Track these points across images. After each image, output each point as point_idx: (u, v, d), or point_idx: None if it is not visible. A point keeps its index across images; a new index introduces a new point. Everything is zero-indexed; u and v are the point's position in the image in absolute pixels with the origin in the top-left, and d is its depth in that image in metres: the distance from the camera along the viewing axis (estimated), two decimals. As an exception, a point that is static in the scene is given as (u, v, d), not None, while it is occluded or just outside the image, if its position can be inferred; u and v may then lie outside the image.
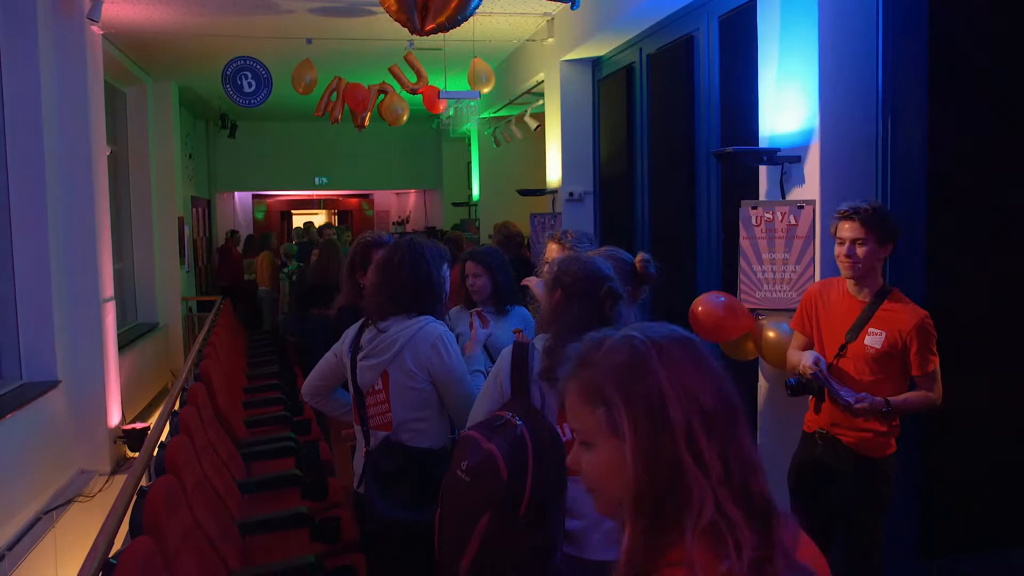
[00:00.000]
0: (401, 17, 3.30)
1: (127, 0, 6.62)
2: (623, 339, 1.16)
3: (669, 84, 5.98)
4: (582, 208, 7.49)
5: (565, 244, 3.64)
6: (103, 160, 6.66)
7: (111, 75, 8.16)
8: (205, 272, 13.40)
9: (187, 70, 9.89)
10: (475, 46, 7.21)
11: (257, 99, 7.44)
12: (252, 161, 14.63)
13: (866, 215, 3.08)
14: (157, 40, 8.00)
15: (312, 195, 18.62)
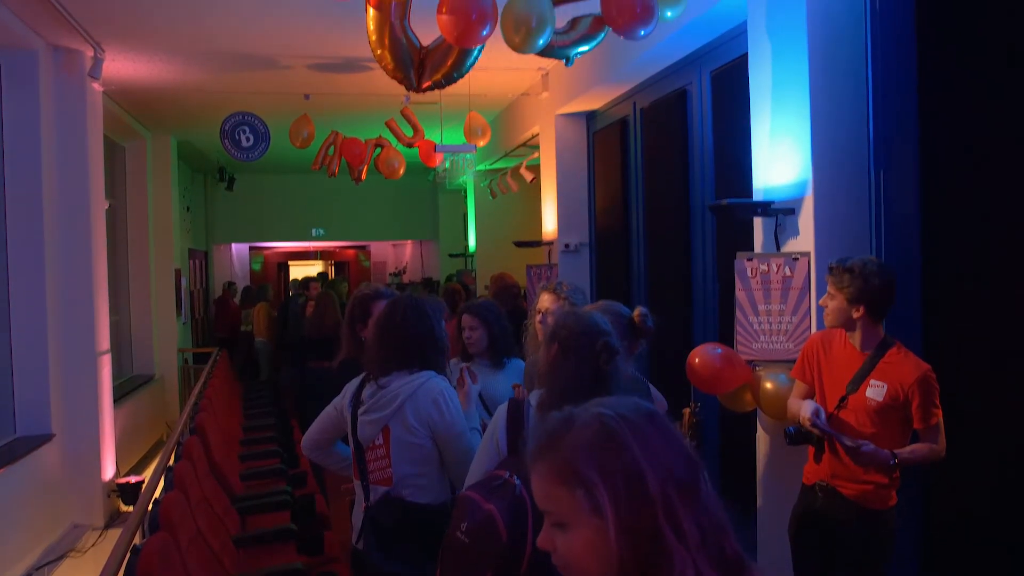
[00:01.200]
0: (398, 75, 3.35)
1: (127, 57, 6.72)
2: (593, 416, 1.16)
3: (663, 137, 6.06)
4: (578, 259, 7.53)
5: (560, 295, 3.65)
6: (101, 215, 6.70)
7: (110, 130, 8.25)
8: (202, 324, 13.39)
9: (186, 124, 9.99)
10: (471, 100, 7.31)
11: (255, 154, 7.52)
12: (249, 213, 14.71)
13: (837, 274, 3.16)
14: (156, 96, 8.10)
15: (309, 246, 18.69)
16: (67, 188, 6.20)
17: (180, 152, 11.09)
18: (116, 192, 9.29)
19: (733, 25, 4.84)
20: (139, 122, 9.39)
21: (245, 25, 6.06)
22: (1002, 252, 3.91)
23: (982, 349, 3.88)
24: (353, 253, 19.76)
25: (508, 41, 3.18)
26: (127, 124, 8.91)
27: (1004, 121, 3.84)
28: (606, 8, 3.41)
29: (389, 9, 3.25)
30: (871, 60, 3.73)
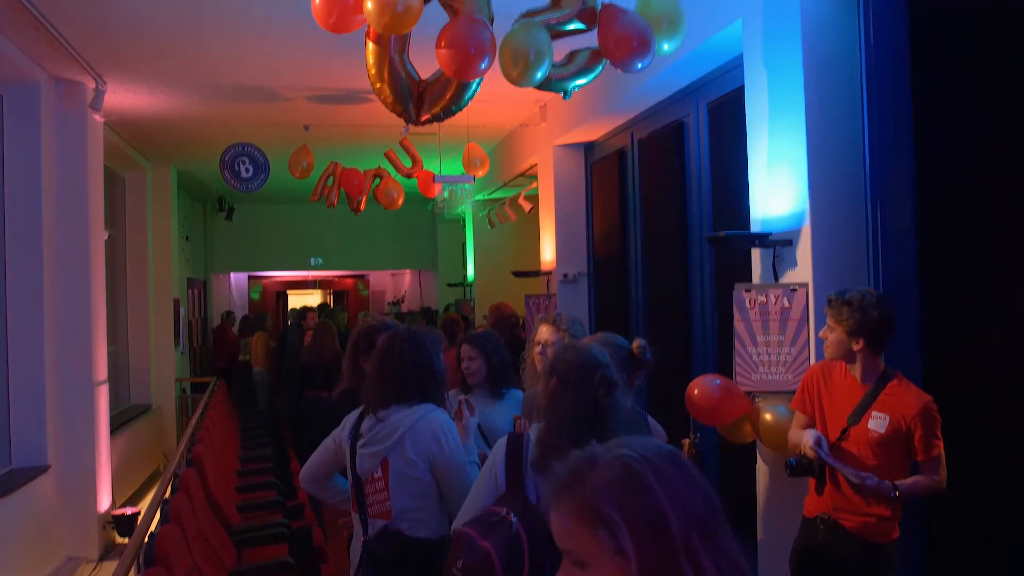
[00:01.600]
0: (397, 108, 3.37)
1: (129, 89, 6.76)
2: (616, 458, 1.18)
3: (661, 168, 6.09)
4: (576, 289, 7.54)
5: (560, 327, 3.65)
6: (100, 245, 6.72)
7: (111, 160, 8.28)
8: (200, 353, 13.37)
9: (186, 155, 10.04)
10: (469, 131, 7.36)
11: (254, 184, 7.55)
12: (248, 242, 14.74)
13: (836, 307, 3.16)
14: (157, 127, 8.15)
15: (308, 276, 18.70)
16: (67, 219, 6.22)
17: (180, 182, 11.13)
18: (115, 222, 9.31)
19: (730, 58, 4.88)
20: (139, 152, 9.44)
21: (245, 57, 6.11)
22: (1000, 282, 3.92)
23: (981, 380, 3.88)
24: (352, 282, 19.76)
25: (506, 74, 3.20)
26: (127, 154, 8.95)
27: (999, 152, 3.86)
28: (603, 42, 3.44)
29: (389, 44, 3.28)
30: (866, 92, 3.76)
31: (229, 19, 5.30)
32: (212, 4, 5.03)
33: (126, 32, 5.47)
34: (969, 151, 3.88)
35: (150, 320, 9.76)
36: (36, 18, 4.98)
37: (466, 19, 3.10)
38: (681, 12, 3.71)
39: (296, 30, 5.37)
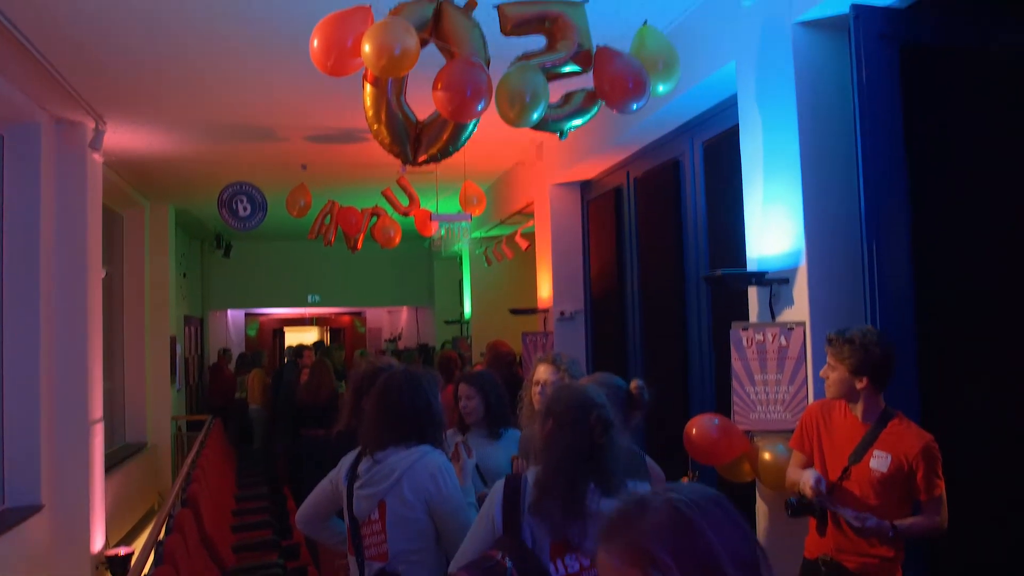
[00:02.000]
0: (394, 149, 3.40)
1: (128, 129, 6.81)
2: (665, 502, 1.21)
3: (657, 206, 6.12)
4: (573, 327, 7.53)
5: (560, 366, 3.65)
6: (98, 284, 6.72)
7: (109, 199, 8.31)
8: (196, 391, 13.32)
9: (184, 193, 10.08)
10: (466, 170, 7.40)
11: (252, 223, 7.57)
12: (245, 279, 14.75)
13: (837, 345, 3.15)
14: (156, 166, 8.19)
15: (305, 312, 18.69)
16: (64, 258, 6.23)
17: (178, 220, 11.17)
18: (113, 259, 9.32)
19: (724, 97, 4.93)
20: (138, 191, 9.48)
21: (244, 98, 6.16)
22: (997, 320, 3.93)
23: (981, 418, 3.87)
24: (349, 319, 19.75)
25: (503, 116, 3.23)
26: (126, 193, 8.98)
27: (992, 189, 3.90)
28: (599, 83, 3.48)
29: (386, 86, 3.32)
30: (859, 132, 3.79)
31: (229, 61, 5.35)
32: (212, 46, 5.08)
33: (127, 73, 5.52)
34: (962, 189, 3.91)
35: (146, 358, 9.74)
36: (38, 60, 5.03)
37: (463, 61, 3.13)
38: (675, 54, 3.76)
39: (294, 71, 5.42)
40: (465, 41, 3.30)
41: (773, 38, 4.00)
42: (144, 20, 4.66)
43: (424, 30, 3.34)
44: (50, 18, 4.56)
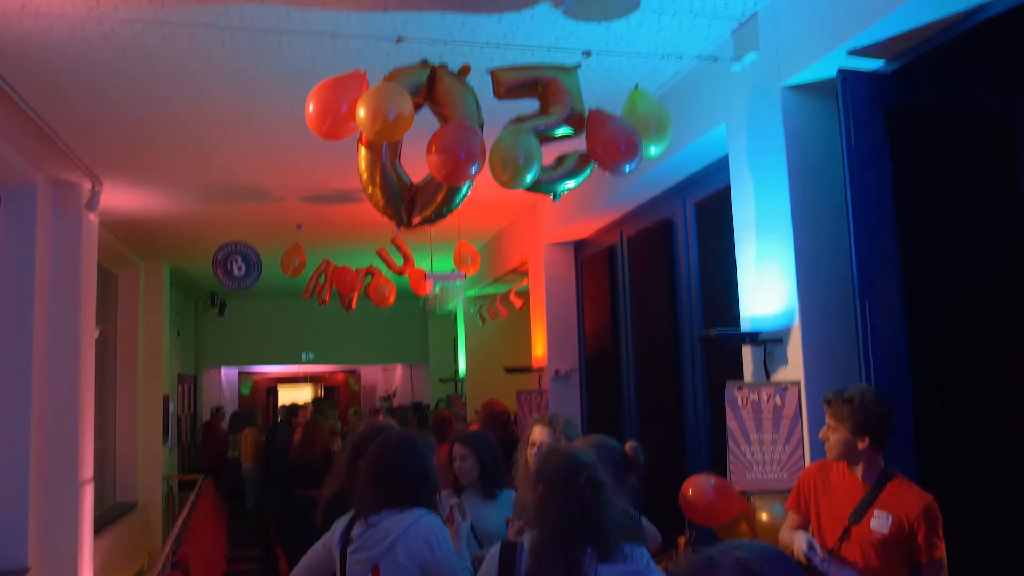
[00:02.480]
0: (389, 211, 3.43)
1: (124, 189, 6.85)
2: (734, 561, 1.27)
3: (650, 265, 6.15)
4: (568, 385, 7.51)
5: (556, 427, 3.63)
6: (91, 344, 6.70)
7: (104, 259, 8.33)
8: (188, 449, 13.18)
9: (179, 252, 10.11)
10: (460, 229, 7.44)
11: (247, 283, 7.58)
12: (239, 337, 14.72)
13: (837, 406, 3.11)
14: (152, 226, 8.23)
15: (299, 370, 18.60)
16: (58, 318, 6.22)
17: (172, 279, 11.18)
18: (107, 318, 9.30)
19: (716, 158, 4.99)
20: (133, 251, 9.50)
21: (240, 159, 6.22)
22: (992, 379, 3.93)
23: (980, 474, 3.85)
24: (343, 377, 19.65)
25: (496, 178, 3.27)
26: (121, 253, 9.00)
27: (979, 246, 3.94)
28: (592, 146, 3.52)
29: (380, 149, 3.36)
30: (850, 192, 3.83)
31: (224, 123, 5.42)
32: (209, 109, 5.15)
33: (124, 135, 5.58)
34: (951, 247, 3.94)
35: (139, 416, 9.67)
36: (37, 122, 5.09)
37: (456, 125, 3.18)
38: (667, 117, 3.82)
39: (290, 133, 5.49)
40: (459, 105, 3.35)
41: (762, 101, 4.07)
42: (142, 86, 4.73)
43: (418, 95, 3.40)
44: (50, 82, 4.63)
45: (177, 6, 3.78)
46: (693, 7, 4.01)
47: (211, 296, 13.29)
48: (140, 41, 4.16)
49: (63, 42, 4.14)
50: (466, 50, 4.18)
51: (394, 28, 4.03)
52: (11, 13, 3.80)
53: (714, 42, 4.42)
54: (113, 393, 9.45)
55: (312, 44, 4.22)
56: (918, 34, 3.45)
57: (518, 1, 3.84)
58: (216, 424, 13.59)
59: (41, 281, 6.02)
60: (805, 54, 3.75)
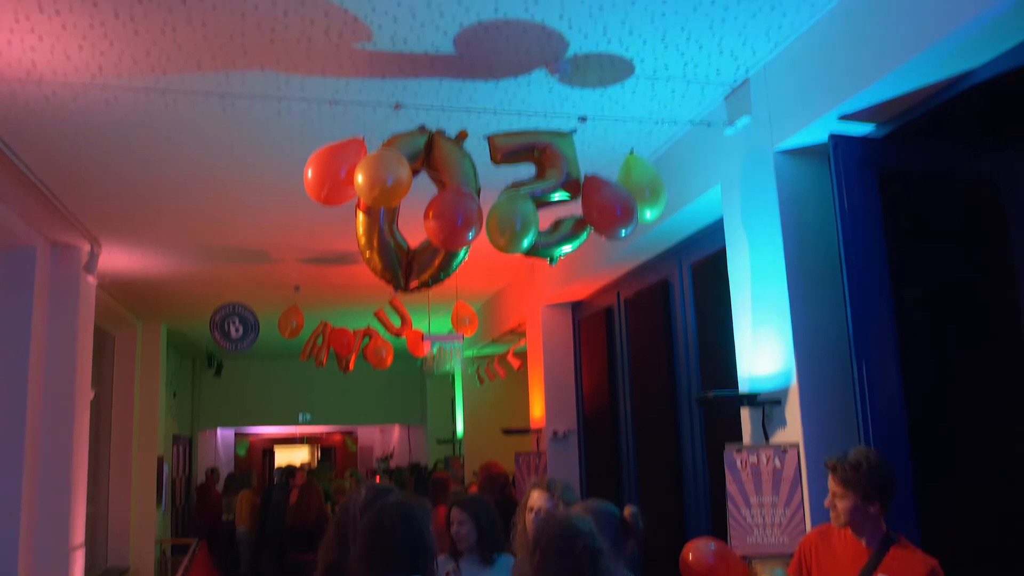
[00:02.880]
0: (386, 276, 3.45)
1: (123, 251, 6.89)
2: None
3: (647, 326, 6.16)
4: (567, 447, 7.46)
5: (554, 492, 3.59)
6: (85, 406, 6.66)
7: (101, 320, 8.33)
8: (182, 512, 13.00)
9: (177, 313, 10.11)
10: (458, 290, 7.47)
11: (244, 344, 7.58)
12: (236, 398, 14.62)
13: (843, 472, 3.06)
14: (149, 287, 8.25)
15: (295, 431, 18.45)
16: (53, 380, 6.20)
17: (169, 339, 11.15)
18: (103, 379, 9.26)
19: (711, 221, 5.03)
20: (131, 311, 9.50)
21: (239, 221, 6.27)
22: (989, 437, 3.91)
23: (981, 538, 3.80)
24: (340, 438, 19.48)
25: (493, 243, 3.29)
26: (119, 313, 9.00)
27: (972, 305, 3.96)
28: (588, 211, 3.56)
29: (378, 214, 3.39)
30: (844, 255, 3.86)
31: (225, 186, 5.47)
32: (209, 172, 5.21)
33: (124, 198, 5.63)
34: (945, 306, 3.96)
35: (133, 479, 9.57)
36: (38, 186, 5.13)
37: (454, 191, 3.22)
38: (661, 182, 3.86)
39: (289, 196, 5.54)
40: (456, 171, 3.39)
41: (756, 164, 4.12)
42: (142, 150, 4.79)
43: (416, 160, 3.45)
44: (51, 147, 4.69)
45: (178, 74, 3.85)
46: (686, 73, 4.09)
47: (208, 356, 13.26)
48: (141, 107, 4.23)
49: (66, 108, 4.21)
50: (463, 116, 4.26)
51: (393, 94, 4.10)
52: (15, 81, 3.87)
53: (707, 107, 4.50)
54: (107, 455, 9.36)
55: (311, 110, 4.30)
56: (907, 100, 3.51)
57: (514, 68, 3.92)
58: (211, 486, 13.43)
59: (37, 343, 6.01)
60: (796, 119, 3.82)
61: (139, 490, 9.72)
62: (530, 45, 3.70)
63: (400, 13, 3.39)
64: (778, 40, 3.81)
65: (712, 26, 3.65)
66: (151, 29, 3.44)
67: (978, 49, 3.12)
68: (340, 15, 3.38)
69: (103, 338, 9.21)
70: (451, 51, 3.72)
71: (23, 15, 3.31)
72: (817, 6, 3.52)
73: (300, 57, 3.72)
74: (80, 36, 3.49)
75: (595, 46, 3.76)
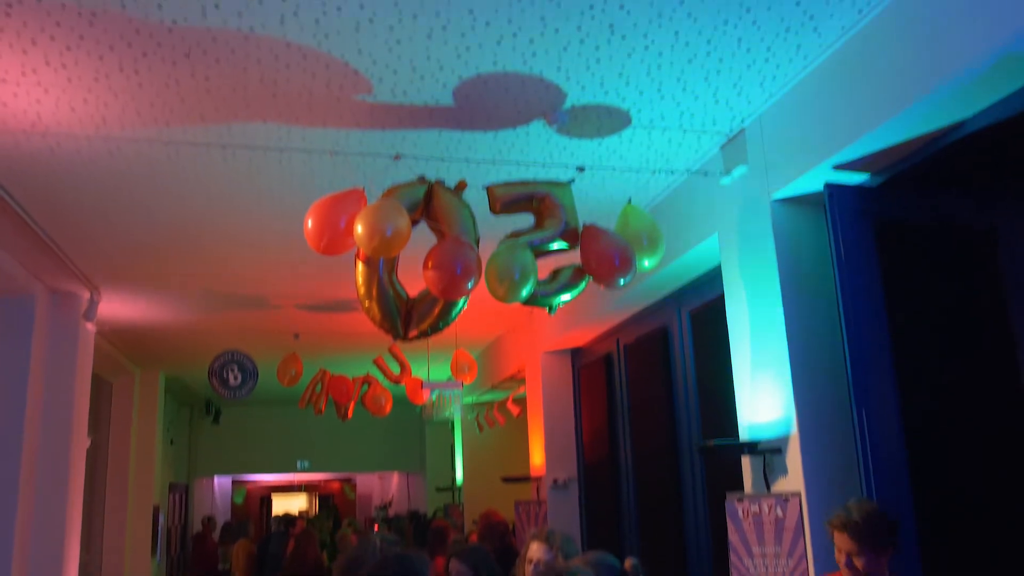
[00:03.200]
0: (385, 325, 3.46)
1: (122, 299, 6.90)
2: None
3: (647, 373, 6.15)
4: (567, 495, 7.40)
5: (553, 544, 3.57)
6: (81, 454, 6.63)
7: (99, 367, 8.31)
8: (177, 562, 12.83)
9: (175, 360, 10.09)
10: (457, 338, 7.47)
11: (242, 392, 7.56)
12: (234, 445, 14.52)
13: (855, 529, 3.05)
14: (148, 334, 8.24)
15: (293, 479, 18.29)
16: (49, 428, 6.18)
17: (168, 386, 11.12)
18: (100, 427, 9.22)
19: (709, 268, 5.05)
20: (129, 358, 9.49)
21: (239, 269, 6.29)
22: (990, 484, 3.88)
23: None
24: (338, 485, 19.30)
25: (492, 293, 3.31)
26: (117, 360, 8.99)
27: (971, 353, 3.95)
28: (586, 260, 3.58)
29: (377, 264, 3.41)
30: (842, 303, 3.87)
31: (225, 234, 5.50)
32: (210, 221, 5.24)
33: (124, 246, 5.65)
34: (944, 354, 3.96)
35: (127, 528, 9.47)
36: (39, 234, 5.16)
37: (453, 241, 3.23)
38: (659, 231, 3.88)
39: (289, 244, 5.57)
40: (455, 221, 3.42)
41: (753, 213, 4.15)
42: (144, 199, 4.83)
43: (416, 210, 3.47)
44: (54, 197, 4.72)
45: (181, 126, 3.90)
46: (682, 123, 4.14)
47: (206, 403, 13.20)
48: (144, 158, 4.27)
49: (69, 159, 4.25)
50: (463, 165, 4.30)
51: (392, 145, 4.15)
52: (21, 133, 3.91)
53: (704, 156, 4.54)
54: (102, 504, 9.28)
55: (312, 160, 4.34)
56: (901, 150, 3.55)
57: (513, 119, 3.97)
58: (207, 535, 13.27)
59: (35, 390, 6.00)
60: (792, 168, 3.85)
61: (134, 539, 9.61)
62: (528, 97, 3.75)
63: (400, 66, 3.44)
64: (772, 91, 3.86)
65: (707, 77, 3.70)
66: (155, 82, 3.49)
67: (969, 100, 3.16)
68: (341, 68, 3.43)
69: (101, 385, 9.18)
70: (450, 103, 3.77)
71: (30, 68, 3.36)
72: (810, 58, 3.58)
73: (301, 109, 3.77)
74: (85, 89, 3.54)
75: (592, 97, 3.81)
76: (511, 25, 3.17)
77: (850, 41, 3.42)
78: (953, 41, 2.90)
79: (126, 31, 3.11)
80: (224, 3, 2.95)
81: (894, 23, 3.19)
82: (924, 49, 3.04)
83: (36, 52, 3.24)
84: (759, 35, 3.38)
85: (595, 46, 3.37)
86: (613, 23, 3.21)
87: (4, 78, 3.42)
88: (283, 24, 3.09)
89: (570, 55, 3.42)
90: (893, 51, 3.20)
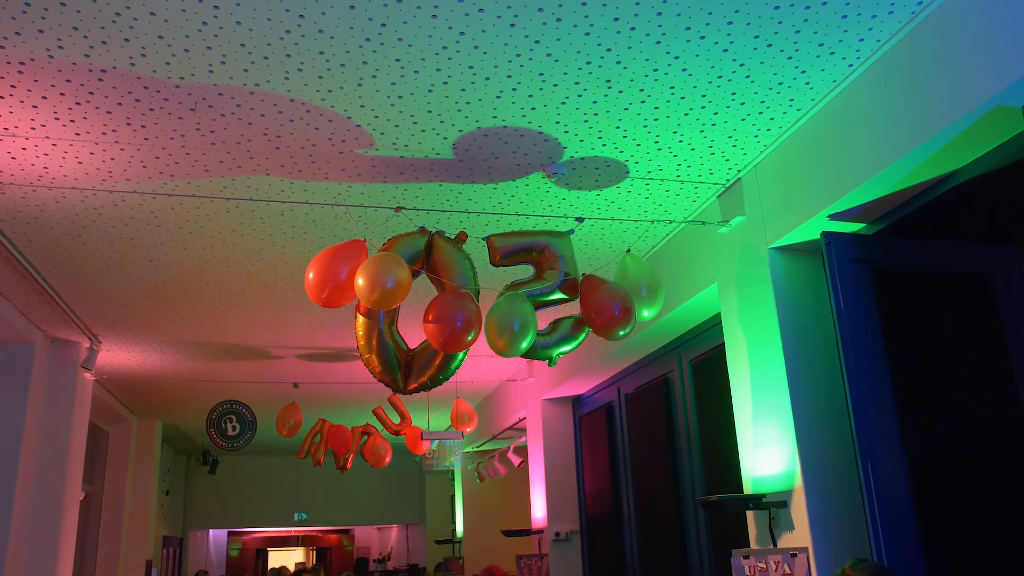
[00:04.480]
0: (385, 378, 3.45)
1: (122, 348, 6.90)
2: None
3: (648, 422, 6.12)
4: (569, 548, 7.31)
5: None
6: (75, 506, 6.57)
7: (96, 416, 8.27)
8: (170, 619, 12.62)
9: (173, 409, 10.04)
10: (457, 387, 7.45)
11: (240, 443, 7.52)
12: (230, 497, 14.36)
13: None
14: (147, 383, 8.22)
15: (290, 532, 18.07)
16: (44, 478, 6.14)
17: (165, 434, 11.05)
18: (95, 477, 9.14)
19: (709, 316, 5.06)
20: (126, 406, 9.44)
21: (240, 318, 6.29)
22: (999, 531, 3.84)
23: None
24: (336, 538, 19.06)
25: (492, 345, 3.31)
26: (114, 409, 8.94)
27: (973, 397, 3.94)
28: (586, 311, 3.59)
29: (378, 317, 3.42)
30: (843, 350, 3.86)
31: (226, 285, 5.52)
32: (211, 271, 5.26)
33: (125, 296, 5.67)
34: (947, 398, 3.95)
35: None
36: (40, 284, 5.18)
37: (453, 294, 3.25)
38: (659, 281, 3.90)
39: (290, 294, 5.59)
40: (455, 272, 3.44)
41: (751, 262, 4.17)
42: (146, 249, 4.86)
43: (416, 262, 3.49)
44: (57, 247, 4.75)
45: (185, 178, 3.94)
46: (680, 174, 4.19)
47: (203, 453, 13.07)
48: (148, 209, 4.31)
49: (73, 210, 4.28)
50: (463, 217, 4.33)
51: (394, 197, 4.19)
52: (27, 186, 3.95)
53: (701, 206, 4.58)
54: (93, 557, 9.14)
55: (314, 211, 4.37)
56: (895, 199, 3.58)
57: (512, 171, 4.01)
58: (201, 590, 13.08)
59: (30, 439, 5.97)
60: (788, 218, 3.88)
61: (125, 595, 9.47)
62: (527, 150, 3.79)
63: (401, 120, 3.49)
64: (767, 142, 3.91)
65: (703, 129, 3.75)
66: (160, 136, 3.54)
67: (961, 151, 3.21)
68: (343, 123, 3.48)
69: (97, 433, 9.12)
70: (451, 155, 3.81)
71: (39, 123, 3.41)
72: (803, 110, 3.64)
73: (304, 163, 3.82)
74: (92, 143, 3.58)
75: (590, 150, 3.86)
76: (510, 80, 3.23)
77: (842, 94, 3.48)
78: (943, 93, 2.95)
79: (134, 87, 3.16)
80: (230, 59, 3.00)
81: (884, 76, 3.24)
82: (915, 101, 3.09)
83: (46, 107, 3.30)
84: (752, 89, 3.44)
85: (593, 100, 3.42)
86: (610, 78, 3.27)
87: (13, 132, 3.47)
88: (287, 80, 3.15)
89: (568, 109, 3.48)
90: (885, 103, 3.25)
